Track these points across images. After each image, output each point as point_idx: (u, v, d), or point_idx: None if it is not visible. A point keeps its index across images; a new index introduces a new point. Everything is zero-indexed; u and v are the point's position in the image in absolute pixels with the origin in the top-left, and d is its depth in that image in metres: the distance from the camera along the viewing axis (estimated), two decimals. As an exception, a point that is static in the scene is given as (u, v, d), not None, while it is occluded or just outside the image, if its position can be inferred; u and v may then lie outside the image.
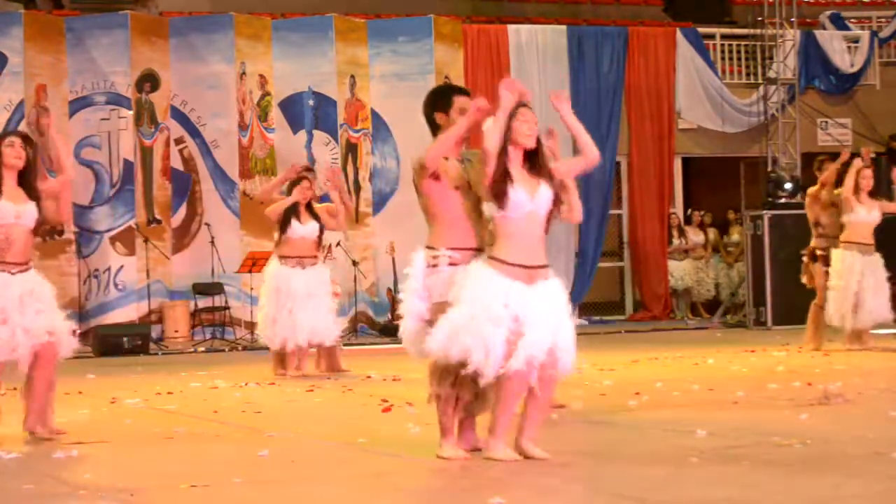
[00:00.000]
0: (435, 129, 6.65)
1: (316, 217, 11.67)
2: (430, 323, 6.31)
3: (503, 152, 6.24)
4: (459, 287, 6.18)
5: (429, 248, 6.47)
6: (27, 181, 7.58)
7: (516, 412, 6.27)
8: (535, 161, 6.30)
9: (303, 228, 11.52)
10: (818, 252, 13.20)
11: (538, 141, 6.33)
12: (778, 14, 20.04)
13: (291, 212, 11.51)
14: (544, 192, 6.24)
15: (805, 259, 13.35)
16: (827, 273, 12.93)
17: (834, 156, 13.72)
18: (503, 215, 6.17)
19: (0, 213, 7.44)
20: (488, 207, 6.23)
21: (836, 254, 12.67)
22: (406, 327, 6.50)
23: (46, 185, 7.86)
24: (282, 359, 11.76)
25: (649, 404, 8.58)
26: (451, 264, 6.37)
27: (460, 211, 6.44)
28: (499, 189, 6.15)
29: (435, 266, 6.41)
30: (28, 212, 7.51)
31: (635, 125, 19.58)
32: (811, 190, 13.37)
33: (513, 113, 6.29)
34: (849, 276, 12.51)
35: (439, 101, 6.69)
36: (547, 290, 6.19)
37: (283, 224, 11.50)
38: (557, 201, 6.31)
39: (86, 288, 16.89)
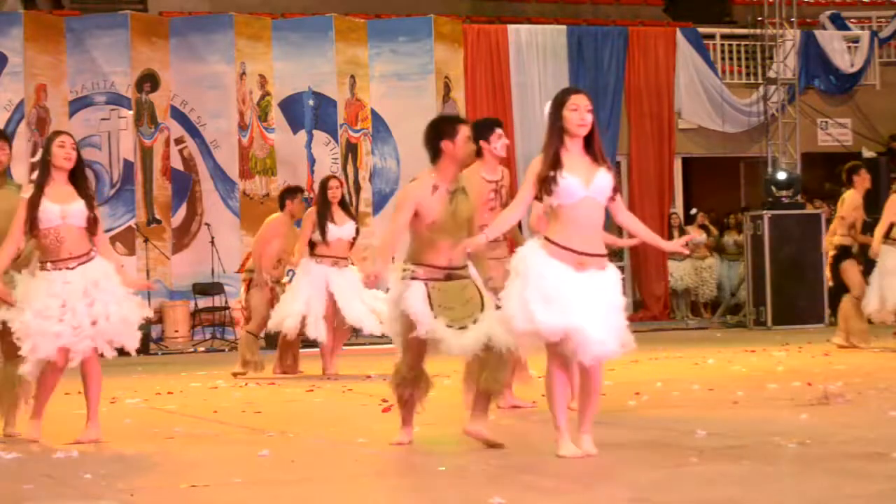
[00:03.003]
0: (437, 155, 6.86)
1: (352, 216, 11.74)
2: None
3: (558, 140, 6.29)
4: (514, 266, 6.29)
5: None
6: (78, 179, 7.50)
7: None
8: (591, 148, 6.34)
9: (339, 230, 11.51)
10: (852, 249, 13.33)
11: (593, 127, 6.35)
12: (778, 14, 20.04)
13: (325, 216, 11.47)
14: (602, 178, 6.28)
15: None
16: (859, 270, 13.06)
17: (835, 155, 13.72)
18: (558, 203, 6.23)
19: (45, 215, 7.36)
20: (544, 202, 6.37)
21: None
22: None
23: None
24: (283, 355, 11.81)
25: (649, 404, 8.58)
26: (413, 278, 6.75)
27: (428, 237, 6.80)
28: (545, 177, 6.23)
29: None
30: (76, 211, 7.40)
31: (635, 125, 19.58)
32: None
33: (563, 101, 6.30)
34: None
35: (446, 129, 6.88)
36: (597, 279, 6.24)
37: (321, 229, 11.43)
38: (617, 188, 6.42)
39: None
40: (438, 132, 6.86)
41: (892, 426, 7.27)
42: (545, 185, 6.23)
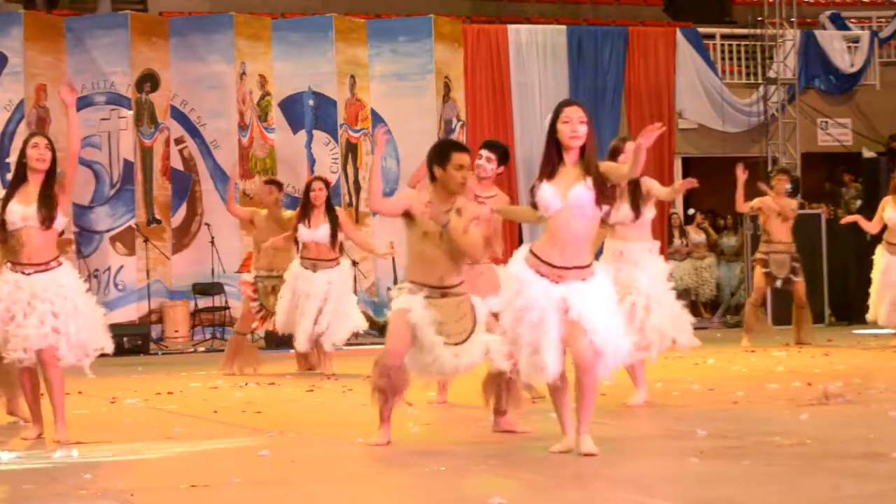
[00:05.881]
0: (432, 178, 7.06)
1: (333, 219, 11.72)
2: None
3: (555, 154, 6.35)
4: (504, 285, 6.50)
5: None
6: (49, 183, 7.43)
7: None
8: (584, 159, 6.39)
9: (311, 233, 11.57)
10: (758, 255, 13.96)
11: (588, 139, 6.39)
12: (778, 14, 20.04)
13: (302, 217, 11.60)
14: (578, 190, 6.29)
15: None
16: (766, 275, 13.66)
17: (835, 155, 13.82)
18: (543, 215, 6.34)
19: (10, 217, 7.36)
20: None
21: (877, 251, 12.90)
22: None
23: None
24: (305, 356, 11.91)
25: (649, 404, 8.58)
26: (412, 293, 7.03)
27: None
28: (531, 187, 6.38)
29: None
30: (31, 214, 7.38)
31: (635, 125, 19.55)
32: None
33: (557, 114, 6.35)
34: (881, 274, 12.70)
35: (437, 156, 7.06)
36: (576, 289, 6.27)
37: (294, 230, 11.64)
38: (603, 201, 6.37)
39: (86, 288, 16.86)
40: (432, 156, 7.07)
41: (892, 426, 7.28)
42: (532, 195, 6.36)
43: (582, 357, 6.22)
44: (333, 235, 11.64)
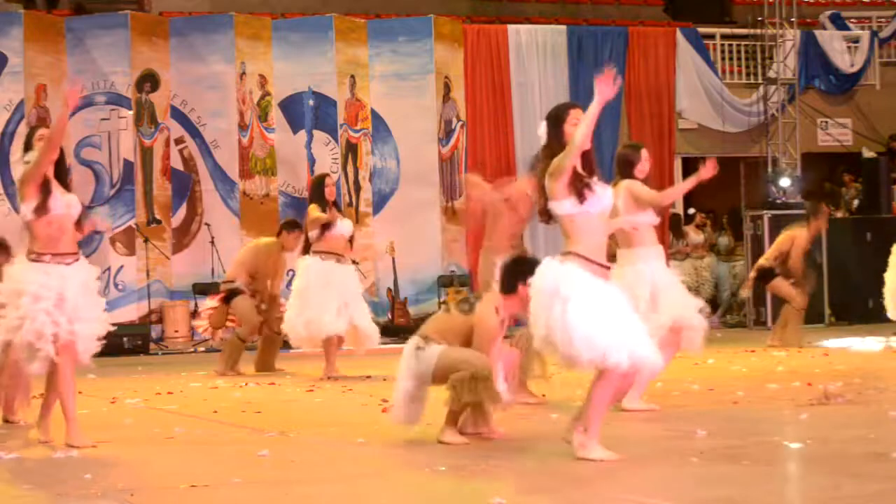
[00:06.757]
0: (510, 293, 6.98)
1: (344, 215, 11.83)
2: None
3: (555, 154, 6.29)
4: (553, 288, 6.17)
5: None
6: (61, 172, 7.45)
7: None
8: (588, 164, 6.30)
9: (342, 225, 11.53)
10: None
11: (591, 142, 6.33)
12: (778, 14, 20.03)
13: (327, 211, 11.45)
14: (610, 194, 6.33)
15: None
16: (793, 283, 13.53)
17: (835, 155, 13.83)
18: (585, 211, 6.15)
19: (56, 204, 7.26)
20: (560, 206, 6.20)
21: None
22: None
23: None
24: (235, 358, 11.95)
25: (650, 404, 8.57)
26: None
27: None
28: (581, 183, 6.14)
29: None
30: (74, 202, 7.37)
31: (635, 125, 19.57)
32: None
33: (563, 117, 6.29)
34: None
35: (526, 274, 6.73)
36: (615, 287, 6.28)
37: (328, 222, 11.37)
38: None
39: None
40: (518, 273, 6.92)
41: (892, 426, 7.29)
42: (578, 189, 6.13)
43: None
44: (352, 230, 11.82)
